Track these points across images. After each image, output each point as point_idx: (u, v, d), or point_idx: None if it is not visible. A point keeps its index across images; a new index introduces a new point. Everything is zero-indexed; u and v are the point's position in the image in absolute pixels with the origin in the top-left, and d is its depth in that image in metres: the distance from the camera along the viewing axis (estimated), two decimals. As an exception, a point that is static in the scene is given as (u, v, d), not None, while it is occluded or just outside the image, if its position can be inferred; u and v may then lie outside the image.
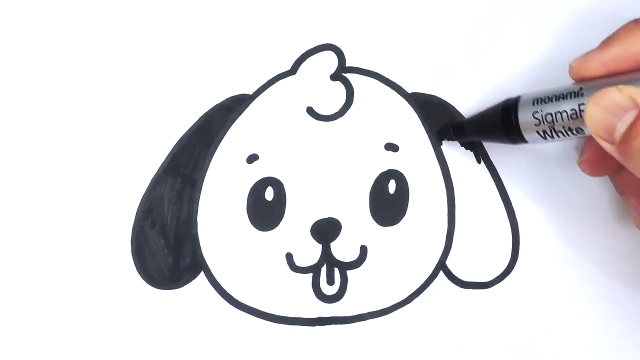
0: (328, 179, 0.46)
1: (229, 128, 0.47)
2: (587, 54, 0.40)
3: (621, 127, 0.36)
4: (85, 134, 0.48)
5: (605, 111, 0.36)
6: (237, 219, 0.46)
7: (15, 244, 0.47)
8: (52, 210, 0.47)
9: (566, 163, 0.46)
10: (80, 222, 0.47)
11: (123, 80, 0.48)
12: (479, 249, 0.45)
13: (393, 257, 0.45)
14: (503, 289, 0.45)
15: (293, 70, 0.48)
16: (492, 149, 0.46)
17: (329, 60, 0.48)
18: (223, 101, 0.48)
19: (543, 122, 0.39)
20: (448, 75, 0.47)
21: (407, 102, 0.47)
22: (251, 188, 0.47)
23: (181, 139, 0.47)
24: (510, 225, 0.45)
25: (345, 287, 0.45)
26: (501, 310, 0.45)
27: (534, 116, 0.40)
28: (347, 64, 0.47)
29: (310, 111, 0.47)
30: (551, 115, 0.39)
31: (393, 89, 0.47)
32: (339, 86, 0.47)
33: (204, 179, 0.47)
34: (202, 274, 0.46)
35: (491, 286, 0.45)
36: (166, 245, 0.46)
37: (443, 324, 0.45)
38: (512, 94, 0.44)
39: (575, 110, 0.38)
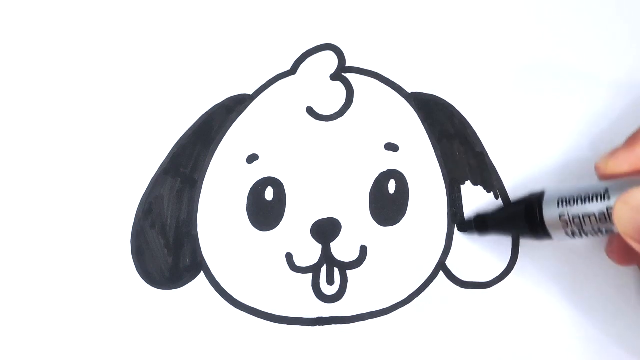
0: (328, 179, 0.46)
1: (229, 128, 0.47)
2: (614, 153, 0.39)
3: None
4: (86, 134, 0.48)
5: (634, 211, 0.35)
6: (237, 219, 0.46)
7: (16, 244, 0.47)
8: (53, 210, 0.47)
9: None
10: (81, 222, 0.47)
11: (123, 80, 0.48)
12: (479, 249, 0.45)
13: (393, 257, 0.45)
14: (503, 289, 0.45)
15: (293, 70, 0.48)
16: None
17: (329, 60, 0.48)
18: (223, 101, 0.48)
19: (570, 223, 0.39)
20: (448, 75, 0.47)
21: (407, 102, 0.47)
22: (251, 188, 0.47)
23: (181, 139, 0.47)
24: (510, 225, 0.45)
25: (345, 287, 0.45)
26: (501, 310, 0.45)
27: (560, 218, 0.39)
28: (347, 64, 0.47)
29: (310, 111, 0.47)
30: (579, 217, 0.38)
31: (393, 89, 0.47)
32: (338, 86, 0.47)
33: (204, 179, 0.47)
34: (202, 274, 0.46)
35: (491, 286, 0.45)
36: (166, 246, 0.46)
37: (443, 324, 0.45)
38: (512, 93, 0.44)
39: (604, 214, 0.37)
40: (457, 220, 0.45)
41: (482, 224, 0.44)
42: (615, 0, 0.47)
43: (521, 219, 0.41)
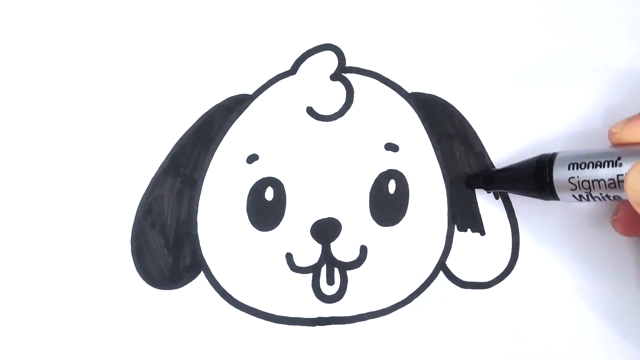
0: (328, 179, 0.46)
1: (229, 128, 0.47)
2: (630, 120, 0.39)
3: None
4: (86, 134, 0.48)
5: None
6: (237, 219, 0.46)
7: (16, 244, 0.47)
8: (53, 210, 0.47)
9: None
10: (81, 223, 0.47)
11: (123, 80, 0.48)
12: (479, 249, 0.45)
13: (393, 257, 0.45)
14: (503, 289, 0.45)
15: (293, 70, 0.48)
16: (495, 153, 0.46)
17: (329, 60, 0.48)
18: (223, 101, 0.48)
19: (579, 187, 0.39)
20: (448, 75, 0.47)
21: (407, 102, 0.47)
22: (251, 188, 0.47)
23: (181, 139, 0.47)
24: (510, 225, 0.45)
25: (345, 287, 0.45)
26: (501, 310, 0.45)
27: (569, 181, 0.39)
28: (347, 64, 0.47)
29: (310, 111, 0.47)
30: (588, 182, 0.39)
31: (393, 89, 0.47)
32: (338, 86, 0.47)
33: (204, 179, 0.47)
34: (202, 274, 0.46)
35: (491, 286, 0.45)
36: (166, 246, 0.46)
37: (443, 324, 0.45)
38: (512, 93, 0.44)
39: (614, 180, 0.38)
40: (466, 176, 0.45)
41: (489, 179, 0.44)
42: (616, 0, 0.47)
43: (530, 177, 0.41)
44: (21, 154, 0.48)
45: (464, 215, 0.46)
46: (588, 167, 0.39)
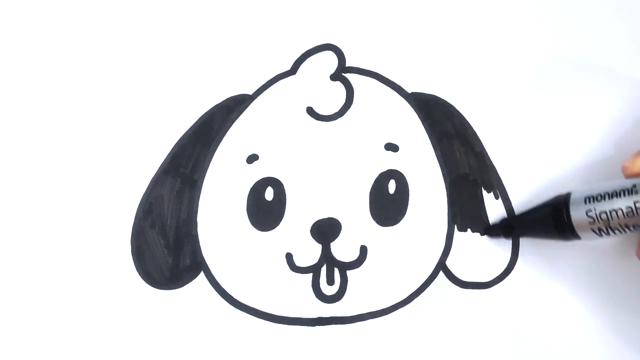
0: (328, 179, 0.46)
1: (229, 128, 0.47)
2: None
3: None
4: (86, 134, 0.48)
5: None
6: (237, 219, 0.46)
7: (16, 244, 0.47)
8: (53, 210, 0.47)
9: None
10: (81, 223, 0.47)
11: (123, 80, 0.48)
12: (479, 249, 0.45)
13: (393, 257, 0.45)
14: (503, 289, 0.45)
15: (293, 70, 0.48)
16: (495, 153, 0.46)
17: (329, 60, 0.48)
18: (223, 101, 0.48)
19: (597, 220, 0.39)
20: (448, 75, 0.47)
21: (407, 102, 0.47)
22: (251, 188, 0.47)
23: (181, 139, 0.47)
24: (510, 225, 0.46)
25: (345, 287, 0.45)
26: (501, 310, 0.45)
27: (587, 214, 0.39)
28: (347, 64, 0.47)
29: (310, 111, 0.47)
30: (606, 213, 0.39)
31: (393, 89, 0.47)
32: (338, 86, 0.47)
33: (204, 179, 0.47)
34: (202, 274, 0.46)
35: (491, 286, 0.45)
36: (166, 246, 0.46)
37: (443, 324, 0.45)
38: (512, 93, 0.44)
39: (632, 208, 0.38)
40: (484, 226, 0.45)
41: (508, 229, 0.44)
42: (616, 0, 0.47)
43: (548, 220, 0.41)
44: (22, 155, 0.48)
45: (464, 215, 0.46)
46: (604, 199, 0.39)
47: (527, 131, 0.46)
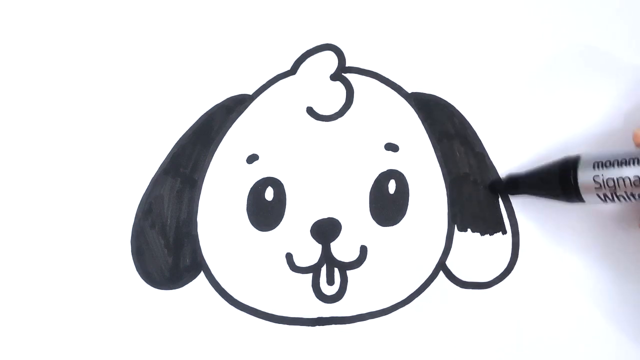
0: (328, 179, 0.46)
1: (229, 128, 0.47)
2: None
3: None
4: (86, 134, 0.48)
5: None
6: (237, 219, 0.46)
7: (16, 244, 0.47)
8: (53, 210, 0.47)
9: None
10: (81, 223, 0.47)
11: (123, 80, 0.48)
12: (479, 249, 0.45)
13: (393, 257, 0.45)
14: (503, 289, 0.45)
15: (293, 70, 0.48)
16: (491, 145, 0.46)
17: (329, 60, 0.48)
18: (223, 101, 0.48)
19: (604, 186, 0.39)
20: (448, 75, 0.47)
21: (407, 102, 0.47)
22: (251, 188, 0.47)
23: (181, 139, 0.47)
24: (510, 225, 0.45)
25: (345, 287, 0.45)
26: (501, 310, 0.45)
27: (594, 179, 0.39)
28: (347, 64, 0.47)
29: (310, 111, 0.47)
30: (613, 180, 0.39)
31: (393, 89, 0.47)
32: (338, 86, 0.47)
33: (204, 179, 0.47)
34: (202, 274, 0.46)
35: (491, 286, 0.45)
36: (166, 246, 0.46)
37: (443, 324, 0.45)
38: (512, 93, 0.44)
39: (638, 178, 0.38)
40: (489, 181, 0.45)
41: (513, 184, 0.44)
42: (616, 0, 0.47)
43: (555, 180, 0.41)
44: (22, 154, 0.48)
45: (464, 215, 0.46)
46: (613, 166, 0.39)
47: (527, 131, 0.46)
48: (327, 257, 0.45)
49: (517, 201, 0.45)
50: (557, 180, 0.41)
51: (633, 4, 0.47)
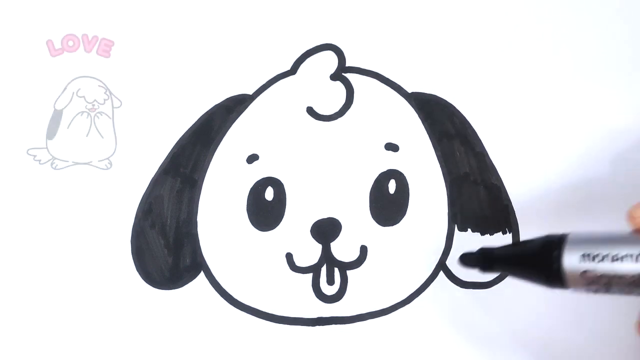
0: (328, 179, 0.46)
1: (229, 128, 0.47)
2: None
3: None
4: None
5: None
6: (237, 219, 0.46)
7: (16, 244, 0.47)
8: (53, 210, 0.47)
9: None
10: (81, 223, 0.47)
11: (123, 80, 0.48)
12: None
13: (393, 257, 0.45)
14: (503, 289, 0.45)
15: (293, 70, 0.48)
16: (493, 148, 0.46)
17: (329, 60, 0.48)
18: (223, 101, 0.48)
19: (595, 282, 0.33)
20: (448, 75, 0.47)
21: (407, 102, 0.47)
22: (251, 188, 0.47)
23: (181, 139, 0.47)
24: (510, 225, 0.45)
25: (345, 287, 0.45)
26: (501, 310, 0.45)
27: (584, 274, 0.33)
28: (347, 64, 0.47)
29: (310, 111, 0.47)
30: (607, 277, 0.33)
31: (393, 88, 0.47)
32: (339, 86, 0.47)
33: (204, 179, 0.47)
34: (202, 274, 0.46)
35: (491, 286, 0.45)
36: (166, 246, 0.46)
37: (443, 324, 0.45)
38: (512, 93, 0.44)
39: (635, 277, 0.32)
40: (461, 254, 0.38)
41: (487, 260, 0.37)
42: (616, 1, 0.47)
43: (535, 263, 0.35)
44: (22, 154, 0.48)
45: (464, 215, 0.46)
46: (606, 260, 0.33)
47: (527, 131, 0.46)
48: (327, 257, 0.45)
49: (517, 201, 0.45)
50: (538, 265, 0.35)
51: (633, 4, 0.47)
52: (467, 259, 0.38)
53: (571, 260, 0.33)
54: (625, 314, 0.44)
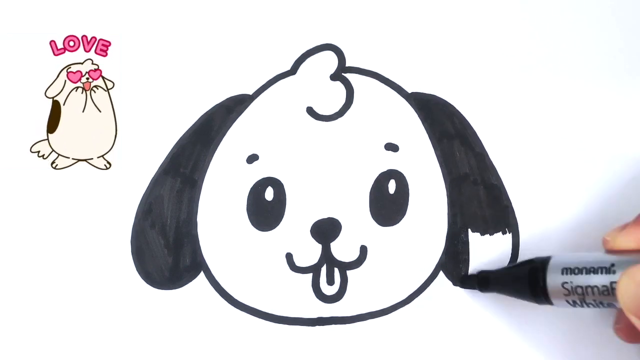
0: (328, 179, 0.46)
1: (229, 128, 0.47)
2: (624, 228, 0.39)
3: None
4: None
5: (638, 287, 0.35)
6: (237, 219, 0.46)
7: (16, 244, 0.47)
8: (53, 210, 0.47)
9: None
10: (81, 223, 0.47)
11: (123, 80, 0.48)
12: (479, 249, 0.45)
13: (393, 257, 0.45)
14: (503, 289, 0.45)
15: (293, 70, 0.48)
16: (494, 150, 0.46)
17: (329, 60, 0.48)
18: (223, 101, 0.48)
19: (572, 292, 0.39)
20: (448, 75, 0.47)
21: (407, 102, 0.47)
22: (251, 188, 0.47)
23: (181, 139, 0.47)
24: (510, 225, 0.45)
25: (345, 287, 0.45)
26: (501, 310, 0.45)
27: (563, 286, 0.39)
28: (347, 64, 0.47)
29: (310, 111, 0.47)
30: (581, 288, 0.38)
31: (393, 89, 0.47)
32: (338, 86, 0.47)
33: (204, 179, 0.47)
34: (202, 274, 0.46)
35: (491, 286, 0.45)
36: (166, 246, 0.46)
37: (443, 324, 0.45)
38: (513, 94, 0.44)
39: (607, 287, 0.37)
40: (461, 275, 0.45)
41: (484, 282, 0.43)
42: (616, 1, 0.47)
43: (524, 282, 0.41)
44: (22, 153, 0.48)
45: (464, 215, 0.46)
46: (582, 273, 0.38)
47: (527, 131, 0.46)
48: (327, 257, 0.45)
49: (517, 201, 0.45)
50: (527, 283, 0.41)
51: (634, 4, 0.47)
52: (467, 281, 0.44)
53: (553, 276, 0.39)
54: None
